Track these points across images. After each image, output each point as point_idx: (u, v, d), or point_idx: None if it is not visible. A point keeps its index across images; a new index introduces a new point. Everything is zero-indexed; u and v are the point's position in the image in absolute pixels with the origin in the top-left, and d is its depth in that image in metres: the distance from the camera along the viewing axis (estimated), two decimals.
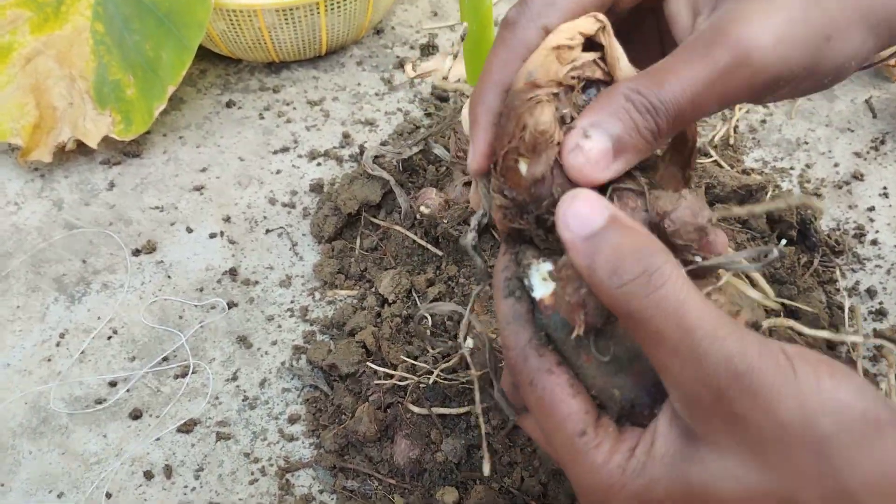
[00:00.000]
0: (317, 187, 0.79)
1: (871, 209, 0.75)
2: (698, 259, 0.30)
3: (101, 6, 0.82)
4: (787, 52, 0.29)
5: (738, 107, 0.86)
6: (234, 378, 0.64)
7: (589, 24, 0.31)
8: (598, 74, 0.31)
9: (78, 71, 0.82)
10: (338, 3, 0.87)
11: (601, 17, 0.31)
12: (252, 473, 0.58)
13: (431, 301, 0.65)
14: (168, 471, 0.58)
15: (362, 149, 0.82)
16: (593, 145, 0.29)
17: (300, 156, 0.83)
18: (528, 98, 0.30)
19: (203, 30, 0.79)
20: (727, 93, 0.29)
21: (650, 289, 0.26)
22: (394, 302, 0.66)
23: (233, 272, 0.72)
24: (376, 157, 0.74)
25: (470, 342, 0.42)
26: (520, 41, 0.31)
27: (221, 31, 0.87)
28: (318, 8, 0.86)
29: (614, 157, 0.29)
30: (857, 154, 0.81)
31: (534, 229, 0.32)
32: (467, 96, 0.68)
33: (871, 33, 0.31)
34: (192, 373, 0.65)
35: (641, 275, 0.26)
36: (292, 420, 0.61)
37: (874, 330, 0.65)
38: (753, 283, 0.58)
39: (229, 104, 0.90)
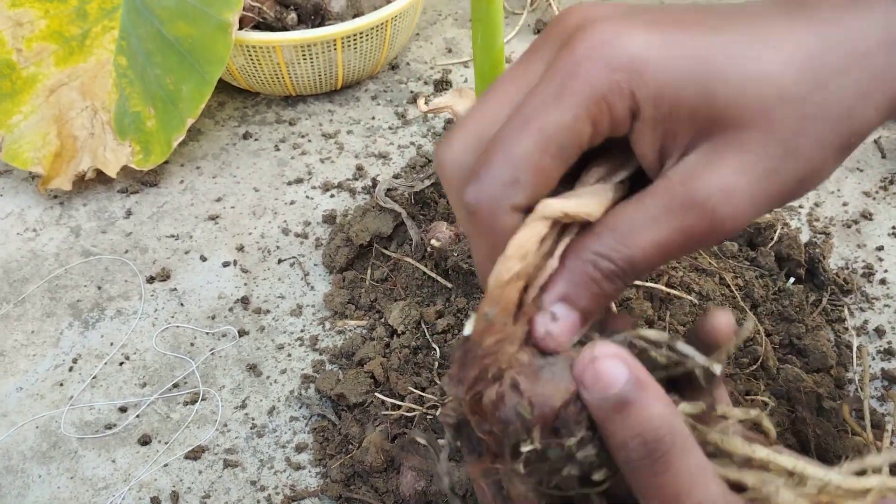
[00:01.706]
0: (329, 218, 0.80)
1: (881, 248, 0.75)
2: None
3: (124, 41, 0.85)
4: (759, 207, 0.27)
5: None
6: (243, 406, 0.65)
7: (537, 231, 0.28)
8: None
9: (100, 102, 0.85)
10: (354, 39, 0.89)
11: (550, 211, 0.28)
12: (258, 502, 0.58)
13: (441, 332, 0.66)
14: (175, 497, 0.59)
15: (375, 182, 0.84)
16: (561, 325, 0.28)
17: (314, 187, 0.85)
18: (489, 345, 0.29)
19: (223, 65, 0.81)
20: (698, 246, 0.28)
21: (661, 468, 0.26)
22: (403, 333, 0.66)
23: (245, 301, 0.73)
24: (389, 189, 0.75)
25: None
26: (494, 234, 0.28)
27: (241, 65, 0.90)
28: (335, 44, 0.88)
29: (582, 324, 0.29)
30: (867, 193, 0.82)
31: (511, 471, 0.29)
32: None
33: (844, 156, 0.28)
34: (202, 400, 0.65)
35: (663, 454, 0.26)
36: (299, 449, 0.62)
37: (882, 370, 0.65)
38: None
39: (246, 136, 0.92)
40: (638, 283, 0.65)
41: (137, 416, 0.64)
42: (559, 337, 0.29)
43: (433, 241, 0.68)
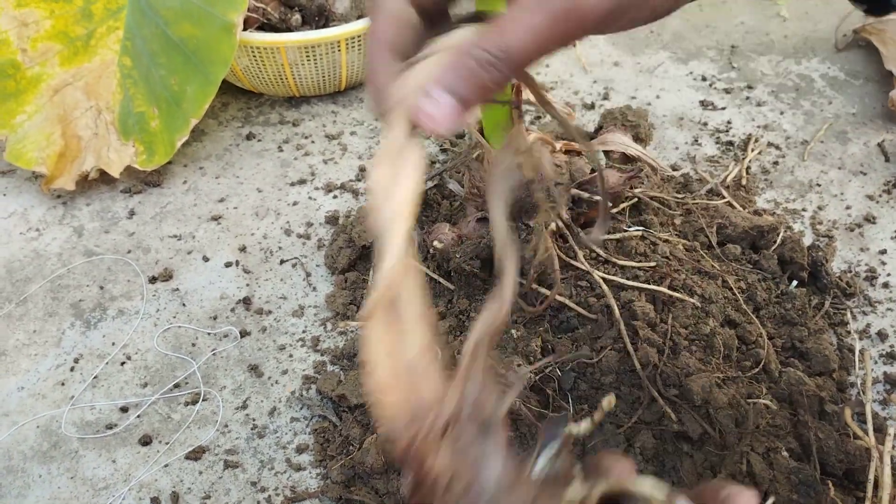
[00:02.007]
0: (332, 219, 0.80)
1: (883, 252, 0.75)
2: None
3: (129, 41, 0.85)
4: None
5: (750, 148, 0.87)
6: (244, 406, 0.65)
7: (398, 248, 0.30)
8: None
9: (104, 102, 0.85)
10: (358, 40, 0.89)
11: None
12: (258, 502, 0.58)
13: (443, 333, 0.66)
14: (175, 498, 0.58)
15: None
16: (439, 106, 0.31)
17: (317, 188, 0.85)
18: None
19: (227, 66, 0.81)
20: (568, 32, 0.31)
21: None
22: None
23: (246, 301, 0.73)
24: None
25: None
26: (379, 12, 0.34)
27: (245, 66, 0.90)
28: (338, 45, 0.88)
29: (463, 109, 0.31)
30: (870, 197, 0.81)
31: None
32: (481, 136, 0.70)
33: None
34: (203, 400, 0.65)
35: None
36: (300, 450, 0.62)
37: (885, 374, 0.64)
38: None
39: (249, 137, 0.92)
40: (641, 285, 0.64)
41: (138, 416, 0.64)
42: (437, 117, 0.31)
43: (435, 243, 0.68)
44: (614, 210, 0.71)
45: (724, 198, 0.78)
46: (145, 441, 0.62)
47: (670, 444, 0.57)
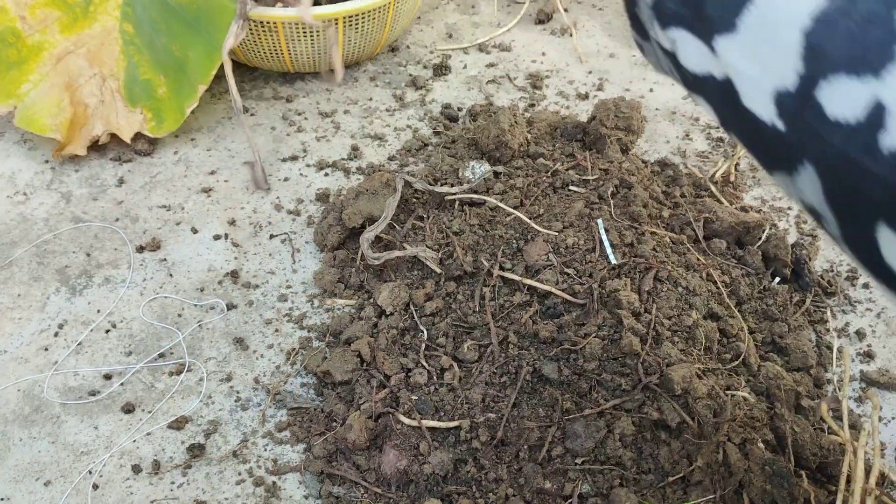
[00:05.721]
0: (323, 197, 0.80)
1: None
2: None
3: (129, 7, 0.84)
4: None
5: (739, 146, 0.88)
6: (229, 379, 0.65)
7: None
8: None
9: (108, 70, 0.84)
10: (356, 19, 0.89)
11: None
12: (239, 474, 0.59)
13: (430, 314, 0.66)
14: (156, 466, 0.59)
15: (373, 167, 0.84)
16: None
17: (308, 165, 0.85)
18: None
19: None
20: None
21: None
22: (391, 314, 0.67)
23: (234, 274, 0.73)
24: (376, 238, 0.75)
25: None
26: None
27: (241, 40, 0.89)
28: (336, 23, 0.88)
29: None
30: None
31: None
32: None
33: None
34: (187, 371, 0.65)
35: None
36: (283, 424, 0.62)
37: (861, 372, 0.66)
38: None
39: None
40: (626, 275, 0.65)
41: (122, 384, 0.64)
42: None
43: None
44: None
45: (711, 192, 0.79)
46: (128, 409, 0.62)
47: (649, 431, 0.58)
